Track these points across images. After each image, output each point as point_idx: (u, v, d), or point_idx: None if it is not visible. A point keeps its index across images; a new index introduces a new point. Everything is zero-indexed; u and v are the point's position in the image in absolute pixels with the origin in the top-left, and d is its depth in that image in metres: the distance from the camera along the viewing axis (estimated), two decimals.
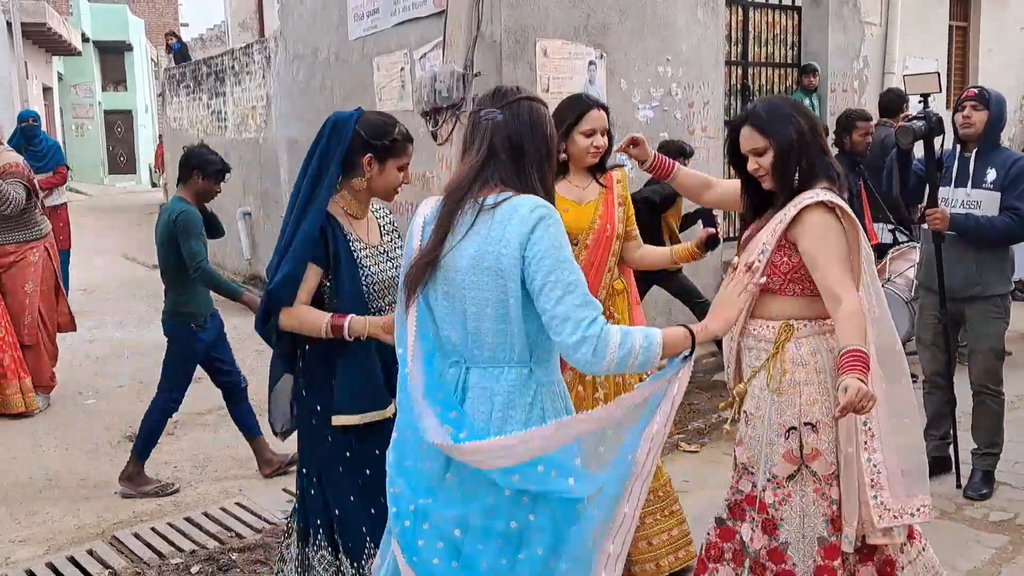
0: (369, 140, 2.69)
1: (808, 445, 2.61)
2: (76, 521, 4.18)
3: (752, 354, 2.72)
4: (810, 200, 2.56)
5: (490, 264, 1.95)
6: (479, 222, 1.99)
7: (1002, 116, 4.18)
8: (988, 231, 4.05)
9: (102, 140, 29.02)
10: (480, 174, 2.02)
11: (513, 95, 2.09)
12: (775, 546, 2.64)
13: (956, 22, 9.88)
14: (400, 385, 2.12)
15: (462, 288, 1.99)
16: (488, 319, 1.99)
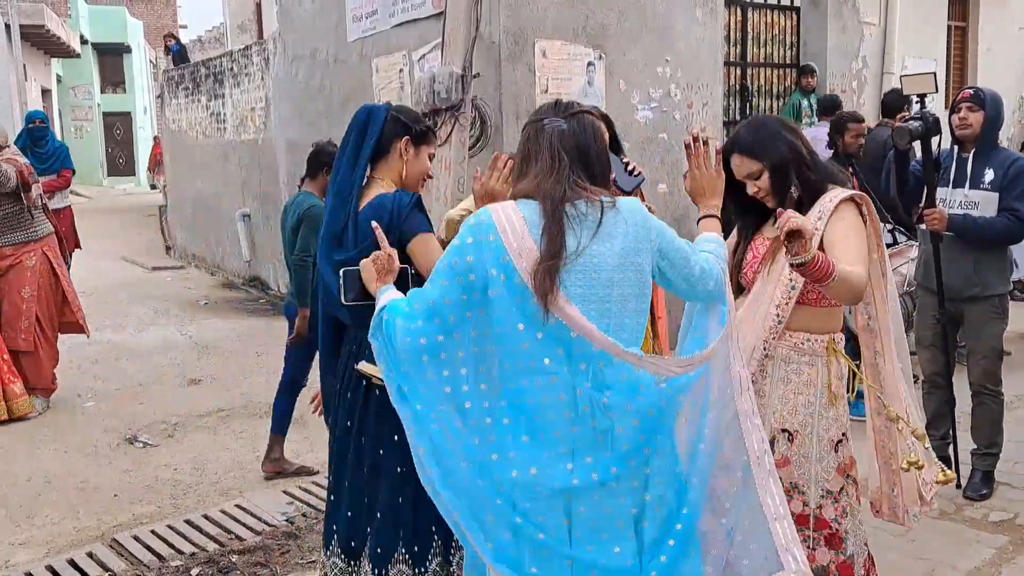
0: (407, 123, 2.74)
1: (845, 455, 2.67)
2: (75, 524, 4.18)
3: (791, 367, 2.65)
4: (843, 195, 2.59)
5: (634, 261, 2.09)
6: (607, 223, 2.07)
7: (999, 116, 4.16)
8: (986, 232, 4.05)
9: (101, 142, 29.00)
10: (567, 178, 2.09)
11: (576, 107, 2.19)
12: (843, 560, 2.64)
13: (955, 22, 9.88)
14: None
15: (607, 285, 2.07)
16: (629, 313, 2.11)
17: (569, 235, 2.04)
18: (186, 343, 7.83)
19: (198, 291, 10.68)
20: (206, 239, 12.34)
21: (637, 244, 2.10)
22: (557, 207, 2.04)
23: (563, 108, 2.18)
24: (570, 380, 2.05)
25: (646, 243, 2.12)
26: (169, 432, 5.42)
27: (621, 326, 2.09)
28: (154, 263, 12.85)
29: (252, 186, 10.63)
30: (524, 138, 2.19)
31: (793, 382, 2.64)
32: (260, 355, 7.13)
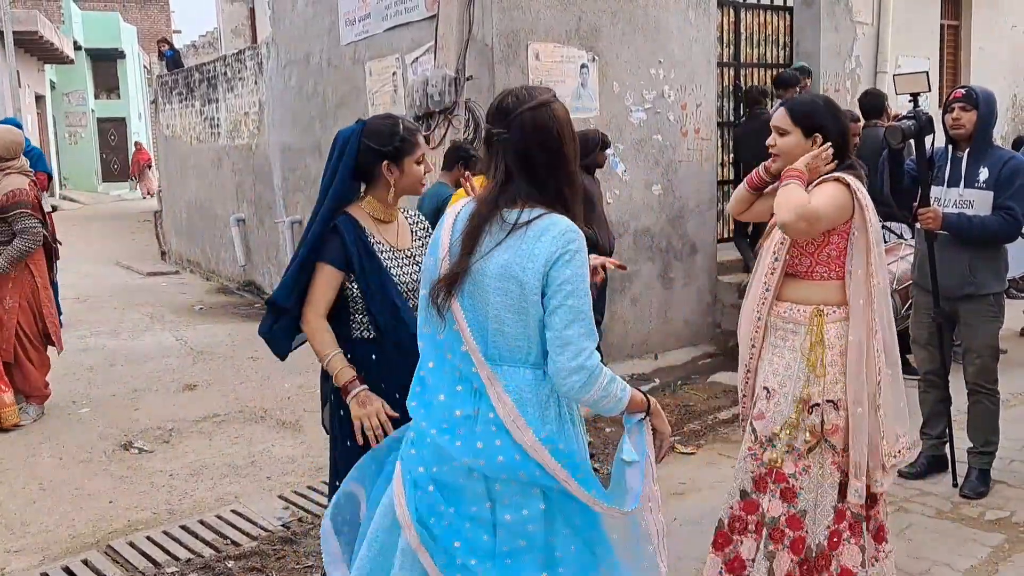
0: (379, 149, 2.71)
1: (829, 421, 2.88)
2: (71, 531, 4.16)
3: (779, 334, 2.96)
4: (829, 176, 2.86)
5: (516, 274, 2.04)
6: (513, 236, 2.06)
7: (992, 115, 4.17)
8: (981, 231, 4.06)
9: (95, 148, 28.96)
10: (503, 193, 2.09)
11: (514, 108, 2.09)
12: (793, 513, 2.90)
13: (947, 21, 9.89)
14: (421, 392, 2.21)
15: (487, 292, 2.08)
16: (508, 323, 2.08)
17: (478, 247, 2.09)
18: (181, 348, 7.82)
19: (193, 296, 10.66)
20: (201, 244, 12.33)
21: (524, 261, 2.04)
22: (477, 223, 2.10)
23: (503, 113, 2.11)
24: (452, 364, 2.15)
25: (537, 263, 2.03)
26: (164, 438, 5.41)
27: (499, 335, 2.10)
28: (149, 268, 12.83)
29: (246, 191, 10.62)
30: (483, 143, 2.21)
31: (779, 347, 2.96)
32: (255, 360, 7.11)
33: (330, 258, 2.68)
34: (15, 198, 5.50)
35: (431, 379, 2.19)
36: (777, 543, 2.92)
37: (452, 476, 2.15)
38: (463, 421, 2.11)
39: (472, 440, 2.09)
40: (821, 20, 8.15)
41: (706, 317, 6.98)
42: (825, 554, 2.89)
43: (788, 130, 2.93)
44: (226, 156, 11.20)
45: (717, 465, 4.75)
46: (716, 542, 3.05)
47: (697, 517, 3.70)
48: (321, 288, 2.70)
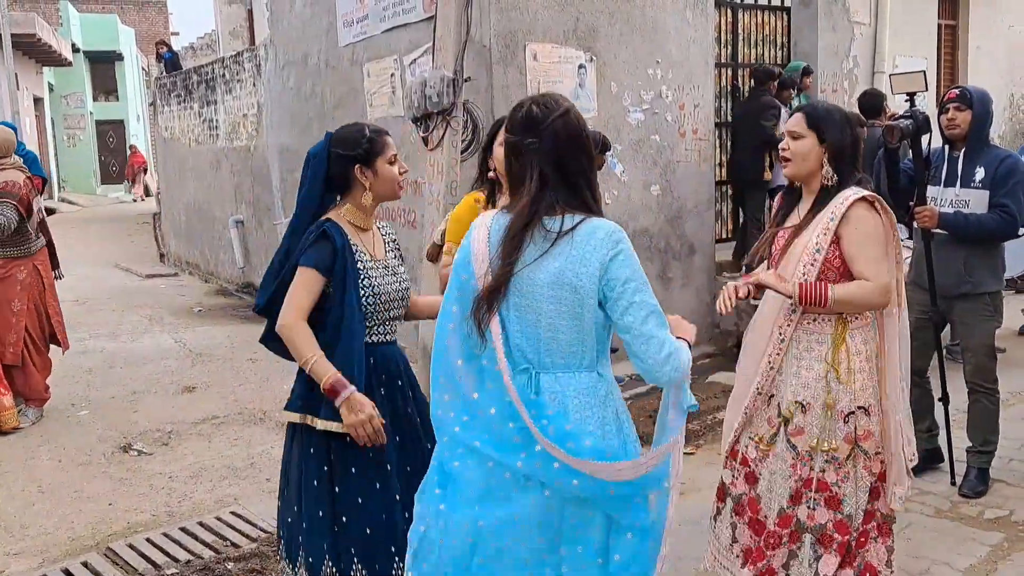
0: (348, 154, 2.73)
1: (861, 427, 2.91)
2: (70, 533, 4.17)
3: (803, 346, 2.93)
4: (854, 196, 2.83)
5: (570, 280, 2.07)
6: (559, 244, 2.09)
7: (987, 114, 4.19)
8: (977, 229, 4.07)
9: (94, 150, 28.97)
10: (540, 201, 2.11)
11: (544, 117, 2.13)
12: (840, 519, 2.92)
13: (945, 20, 9.90)
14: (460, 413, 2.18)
15: (539, 301, 2.09)
16: (563, 329, 2.10)
17: (520, 258, 2.10)
18: (180, 350, 7.82)
19: (192, 298, 10.66)
20: (199, 246, 12.33)
21: (577, 267, 2.07)
22: (519, 232, 2.10)
23: (534, 123, 2.14)
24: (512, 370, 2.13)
25: (591, 268, 2.07)
26: (164, 440, 5.41)
27: (553, 343, 2.11)
28: (148, 271, 12.82)
29: (245, 192, 10.62)
30: (507, 155, 2.21)
31: (805, 359, 2.92)
32: (254, 361, 7.11)
33: (315, 262, 2.66)
34: (4, 188, 5.52)
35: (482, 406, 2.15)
36: (827, 547, 2.93)
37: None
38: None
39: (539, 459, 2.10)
40: (818, 20, 8.16)
41: (705, 317, 6.98)
42: (853, 552, 2.94)
43: (803, 134, 2.92)
44: (224, 158, 11.19)
45: (716, 465, 4.71)
46: (750, 555, 3.03)
47: (696, 517, 3.69)
48: (301, 291, 2.68)
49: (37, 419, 5.77)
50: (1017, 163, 4.12)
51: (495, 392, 2.13)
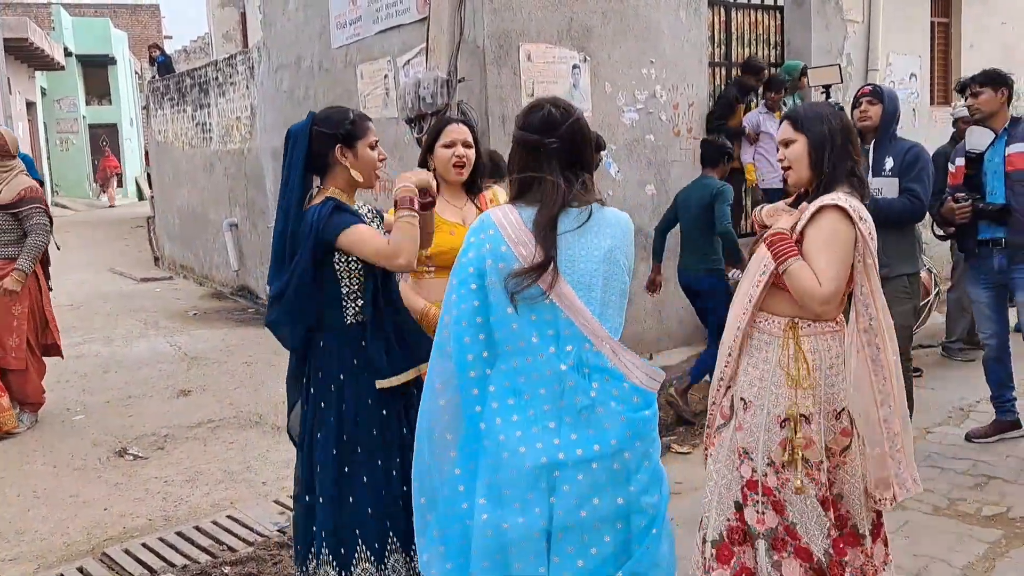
0: (330, 132, 2.75)
1: (801, 435, 2.78)
2: (65, 538, 4.15)
3: (754, 344, 2.87)
4: (829, 201, 2.73)
5: (618, 259, 2.33)
6: (596, 221, 2.33)
7: (896, 109, 4.51)
8: (887, 211, 4.31)
9: (87, 154, 28.89)
10: (567, 192, 2.31)
11: (564, 119, 2.33)
12: (787, 524, 2.83)
13: (937, 18, 9.90)
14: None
15: (593, 275, 2.29)
16: (612, 304, 2.32)
17: (564, 226, 2.29)
18: (175, 354, 7.79)
19: (186, 302, 10.63)
20: (194, 249, 12.30)
21: (622, 245, 2.35)
22: (554, 215, 2.28)
23: (554, 122, 2.32)
24: (556, 358, 2.26)
25: (628, 248, 2.37)
26: (159, 444, 5.39)
27: (604, 315, 2.30)
28: (142, 274, 12.80)
29: (239, 195, 10.59)
30: (520, 153, 2.37)
31: (755, 357, 2.86)
32: (249, 365, 7.10)
33: (356, 220, 2.73)
34: (30, 193, 5.61)
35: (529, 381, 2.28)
36: (781, 551, 2.85)
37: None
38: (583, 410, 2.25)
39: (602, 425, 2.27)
40: (812, 19, 8.15)
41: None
42: (835, 561, 2.82)
43: (794, 138, 2.87)
44: (218, 161, 11.17)
45: None
46: (720, 555, 2.95)
47: (694, 517, 3.68)
48: (372, 237, 2.71)
49: (33, 424, 5.75)
50: (921, 152, 4.45)
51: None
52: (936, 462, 4.64)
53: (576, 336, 2.26)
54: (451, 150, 3.34)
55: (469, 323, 2.27)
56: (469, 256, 2.30)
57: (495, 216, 2.32)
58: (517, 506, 2.23)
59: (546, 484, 2.23)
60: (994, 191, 4.55)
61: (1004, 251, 4.57)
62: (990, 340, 4.81)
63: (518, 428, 2.24)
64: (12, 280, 5.51)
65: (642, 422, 2.31)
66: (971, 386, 5.67)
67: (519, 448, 2.23)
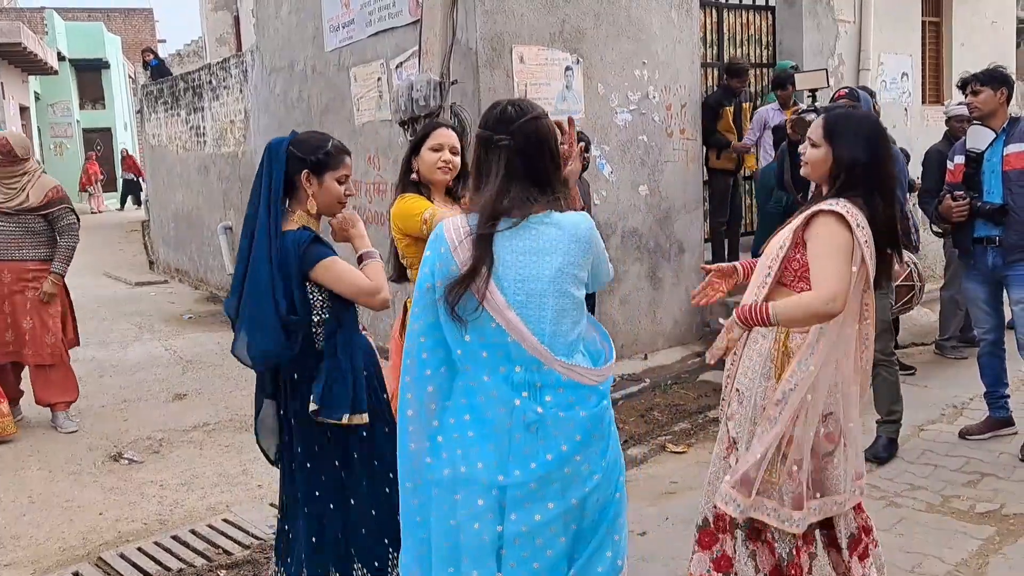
0: (302, 157, 2.73)
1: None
2: (60, 543, 4.14)
3: (752, 337, 2.91)
4: (826, 207, 2.73)
5: (574, 273, 2.26)
6: (544, 236, 2.24)
7: (870, 111, 4.62)
8: None
9: (81, 158, 28.84)
10: (506, 195, 2.24)
11: (518, 116, 2.27)
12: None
13: (929, 18, 9.92)
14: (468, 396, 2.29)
15: (542, 296, 2.23)
16: (566, 323, 2.27)
17: (503, 247, 2.22)
18: (170, 358, 7.79)
19: (182, 305, 10.62)
20: (189, 253, 12.29)
21: (577, 258, 2.27)
22: (490, 221, 2.21)
23: (507, 120, 2.28)
24: (504, 378, 2.24)
25: (584, 258, 2.29)
26: (155, 448, 5.39)
27: (557, 332, 2.26)
28: (137, 278, 12.78)
29: (233, 198, 10.59)
30: (476, 150, 2.32)
31: (751, 349, 2.92)
32: (244, 368, 7.08)
33: (332, 251, 2.73)
34: (59, 194, 5.71)
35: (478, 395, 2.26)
36: (755, 542, 2.92)
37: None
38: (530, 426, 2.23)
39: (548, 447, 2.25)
40: (803, 19, 8.18)
41: (695, 316, 7.00)
42: (795, 563, 2.84)
43: (819, 143, 2.83)
44: (212, 164, 11.17)
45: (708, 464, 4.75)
46: (702, 541, 3.04)
47: (689, 516, 3.69)
48: (350, 273, 2.73)
49: (77, 422, 5.82)
50: (897, 155, 4.42)
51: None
52: (929, 459, 4.66)
53: (524, 358, 2.24)
54: (439, 154, 3.34)
55: (428, 337, 2.26)
56: (425, 271, 2.28)
57: (447, 232, 2.27)
58: (468, 512, 2.25)
59: (498, 493, 2.24)
60: (992, 190, 4.57)
61: (998, 249, 4.59)
62: (986, 336, 4.83)
63: (472, 444, 2.24)
64: (50, 284, 5.64)
65: (594, 420, 2.30)
66: (964, 384, 5.69)
67: (476, 464, 2.23)
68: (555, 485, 2.25)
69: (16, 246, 5.60)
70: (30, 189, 5.59)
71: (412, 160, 3.40)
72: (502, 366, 2.24)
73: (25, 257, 5.63)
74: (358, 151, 7.14)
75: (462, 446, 2.25)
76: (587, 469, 2.29)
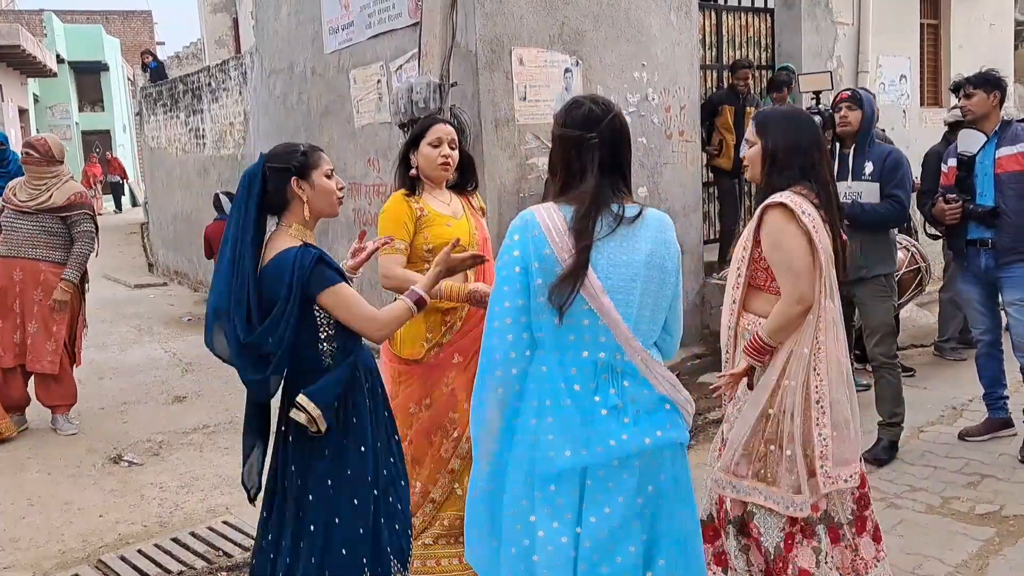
0: (284, 167, 2.68)
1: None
2: (60, 546, 4.14)
3: (742, 344, 2.97)
4: (770, 200, 2.87)
5: (660, 262, 2.31)
6: (638, 227, 2.30)
7: (874, 114, 4.71)
8: (873, 216, 4.56)
9: (80, 161, 28.84)
10: (605, 188, 2.30)
11: (604, 115, 2.34)
12: (747, 513, 2.94)
13: (927, 20, 9.94)
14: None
15: (632, 280, 2.27)
16: (648, 308, 2.31)
17: (603, 228, 2.26)
18: (170, 360, 7.79)
19: (181, 308, 10.62)
20: (188, 255, 12.28)
21: (665, 249, 2.33)
22: (594, 213, 2.26)
23: (595, 118, 2.33)
24: (589, 361, 2.27)
25: (672, 250, 2.35)
26: (154, 450, 5.39)
27: (639, 323, 2.30)
28: (136, 280, 12.79)
29: None
30: (562, 149, 2.36)
31: (741, 349, 2.97)
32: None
33: (339, 276, 2.66)
34: (81, 199, 5.73)
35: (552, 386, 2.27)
36: (748, 537, 2.98)
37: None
38: (610, 415, 2.25)
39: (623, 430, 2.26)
40: (802, 21, 8.19)
41: (694, 318, 7.00)
42: (783, 556, 2.88)
43: (754, 141, 3.02)
44: (212, 167, 11.17)
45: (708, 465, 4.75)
46: (707, 535, 3.08)
47: None
48: (356, 301, 2.66)
49: (78, 425, 5.82)
50: (900, 157, 4.64)
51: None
52: (929, 461, 4.67)
53: (610, 344, 2.26)
54: (438, 149, 3.36)
55: (514, 321, 2.28)
56: (515, 255, 2.27)
57: (540, 217, 2.28)
58: (547, 511, 2.25)
59: (578, 485, 2.25)
60: (984, 193, 4.58)
61: (991, 252, 4.60)
62: (983, 337, 4.84)
63: (550, 431, 2.25)
64: (61, 291, 5.62)
65: (673, 431, 2.32)
66: (963, 385, 5.70)
67: (549, 452, 2.24)
68: (635, 464, 2.25)
69: (31, 245, 5.61)
70: (55, 191, 5.62)
71: (411, 155, 3.40)
72: (586, 350, 2.26)
73: (39, 257, 5.63)
74: (358, 153, 7.15)
75: (554, 432, 2.25)
76: (663, 458, 2.30)
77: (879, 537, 3.05)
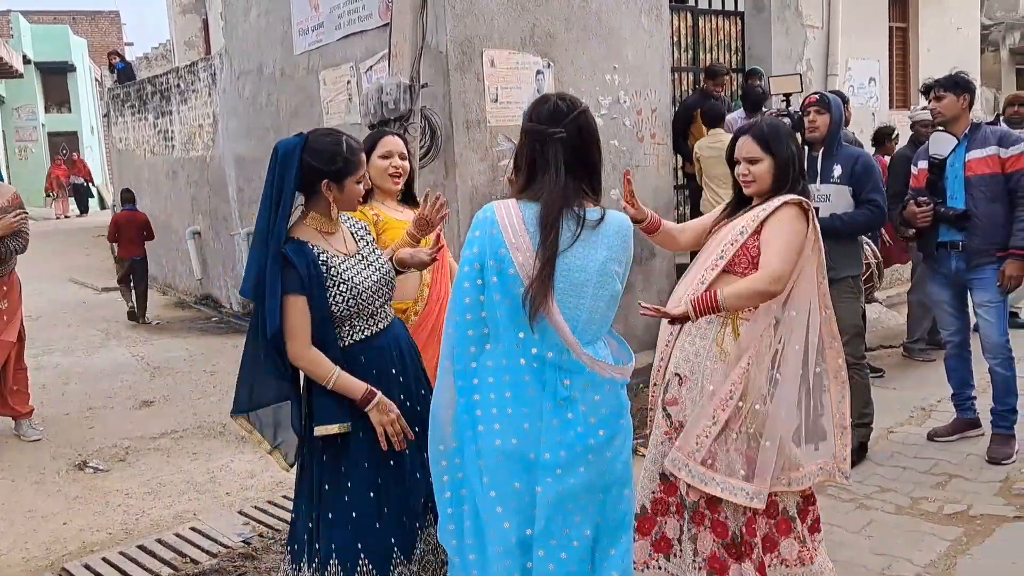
0: (321, 168, 2.66)
1: (671, 394, 3.02)
2: (24, 554, 4.06)
3: (697, 323, 2.99)
4: (790, 197, 2.96)
5: (611, 269, 2.34)
6: (596, 232, 2.32)
7: (841, 118, 4.68)
8: (852, 226, 4.52)
9: (46, 163, 28.46)
10: (568, 187, 2.32)
11: (569, 111, 2.35)
12: (711, 496, 2.95)
13: (895, 23, 10.06)
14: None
15: (583, 286, 2.31)
16: (599, 311, 2.36)
17: (565, 236, 2.29)
18: (137, 365, 7.68)
19: (149, 311, 10.48)
20: (156, 258, 12.14)
21: (618, 254, 2.36)
22: (556, 216, 2.28)
23: (560, 114, 2.35)
24: (536, 358, 2.32)
25: (624, 254, 2.38)
26: (121, 456, 5.30)
27: (589, 324, 2.35)
28: (103, 284, 12.60)
29: (201, 203, 10.48)
30: (528, 144, 2.37)
31: (692, 334, 3.03)
32: (213, 374, 7.01)
33: (292, 289, 2.60)
34: (18, 200, 5.70)
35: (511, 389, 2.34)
36: (699, 525, 3.01)
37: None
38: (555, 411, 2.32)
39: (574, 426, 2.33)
40: (772, 24, 8.25)
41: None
42: (746, 540, 2.93)
43: (760, 158, 3.04)
44: (180, 168, 11.05)
45: None
46: (641, 528, 3.10)
47: None
48: (295, 320, 2.61)
49: (42, 431, 5.72)
50: (870, 161, 4.62)
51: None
52: (898, 461, 4.70)
53: (557, 346, 2.31)
54: (388, 161, 3.46)
55: (473, 316, 2.34)
56: (474, 251, 2.33)
57: (499, 214, 2.33)
58: (494, 495, 2.35)
59: (526, 468, 2.33)
60: (954, 196, 4.62)
61: (961, 254, 4.64)
62: (952, 338, 4.88)
63: (496, 421, 2.34)
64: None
65: (614, 402, 2.40)
66: (932, 386, 5.75)
67: (497, 441, 2.34)
68: (587, 457, 2.33)
69: None
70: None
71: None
72: (534, 347, 2.31)
73: None
74: None
75: (501, 422, 2.34)
76: (609, 455, 2.38)
77: (816, 528, 3.13)
